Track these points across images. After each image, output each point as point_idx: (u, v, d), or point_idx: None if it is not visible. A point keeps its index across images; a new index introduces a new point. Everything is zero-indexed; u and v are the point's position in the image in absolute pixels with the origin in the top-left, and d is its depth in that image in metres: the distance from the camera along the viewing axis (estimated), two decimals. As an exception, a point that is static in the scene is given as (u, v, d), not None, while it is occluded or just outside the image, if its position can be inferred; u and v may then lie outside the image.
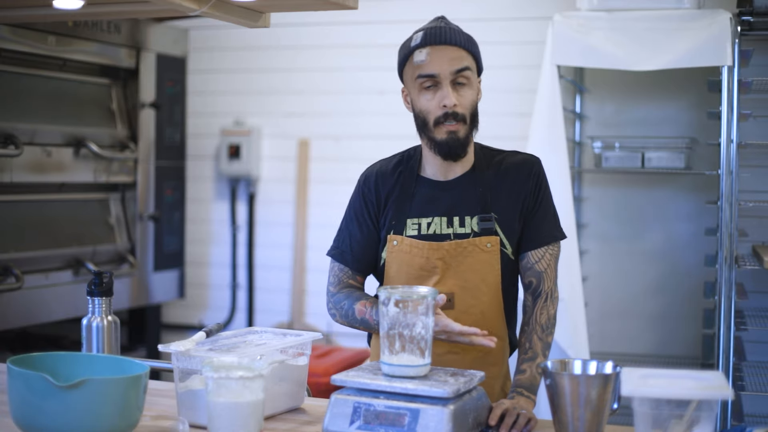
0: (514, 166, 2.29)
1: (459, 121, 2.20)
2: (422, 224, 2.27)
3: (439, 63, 2.19)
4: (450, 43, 2.21)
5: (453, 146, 2.21)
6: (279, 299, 4.91)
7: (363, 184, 2.34)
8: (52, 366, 1.83)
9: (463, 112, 2.20)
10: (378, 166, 2.36)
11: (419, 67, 2.21)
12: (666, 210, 4.31)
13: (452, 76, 2.20)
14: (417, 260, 2.25)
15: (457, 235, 2.25)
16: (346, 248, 2.34)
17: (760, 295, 4.03)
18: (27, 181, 3.83)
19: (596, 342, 4.18)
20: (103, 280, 2.24)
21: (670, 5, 3.70)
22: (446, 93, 2.19)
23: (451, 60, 2.20)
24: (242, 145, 4.84)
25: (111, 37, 4.16)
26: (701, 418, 1.58)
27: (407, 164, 2.33)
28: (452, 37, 2.23)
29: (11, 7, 2.83)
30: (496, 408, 2.01)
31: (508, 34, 4.47)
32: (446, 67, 2.19)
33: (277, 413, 2.08)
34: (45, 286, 3.87)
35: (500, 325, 2.30)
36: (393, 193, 2.30)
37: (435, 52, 2.20)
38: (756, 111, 3.82)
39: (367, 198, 2.33)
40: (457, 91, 2.20)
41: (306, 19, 4.63)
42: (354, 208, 2.35)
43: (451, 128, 2.20)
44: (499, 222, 2.25)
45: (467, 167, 2.29)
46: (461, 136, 2.21)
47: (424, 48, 2.22)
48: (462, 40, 2.23)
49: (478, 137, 2.30)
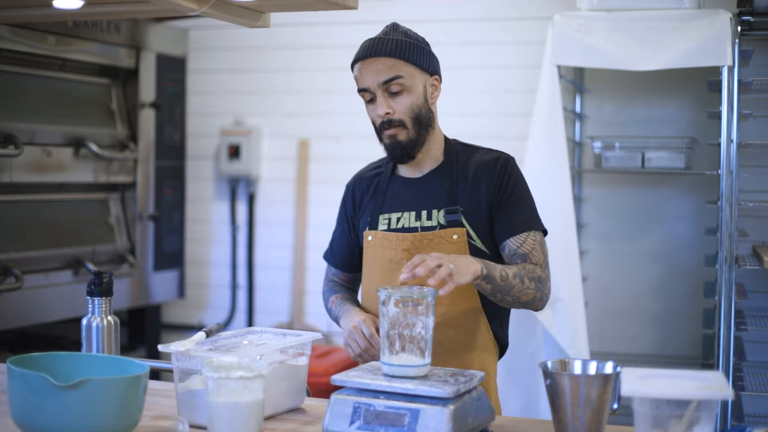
0: (483, 161, 2.35)
1: (396, 126, 2.30)
2: (392, 219, 2.37)
3: (369, 77, 2.30)
4: (377, 55, 2.30)
5: (394, 149, 2.33)
6: (279, 299, 4.91)
7: (345, 189, 2.54)
8: (52, 366, 1.83)
9: (400, 117, 2.30)
10: (359, 172, 2.54)
11: (357, 81, 2.34)
12: (666, 210, 4.31)
13: (383, 87, 2.29)
14: (387, 253, 2.33)
15: (425, 227, 2.33)
16: (330, 249, 2.58)
17: (760, 295, 4.03)
18: (27, 181, 3.83)
19: (596, 342, 4.18)
20: (103, 280, 2.24)
21: (670, 5, 3.70)
22: (378, 103, 2.30)
23: (378, 71, 2.29)
24: (242, 145, 4.84)
25: (111, 37, 4.16)
26: (701, 418, 1.58)
27: (386, 166, 2.46)
28: (380, 48, 2.30)
29: (11, 7, 2.83)
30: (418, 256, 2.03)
31: (508, 34, 4.47)
32: (374, 79, 2.30)
33: (277, 413, 2.08)
34: (45, 286, 3.87)
35: (477, 321, 2.32)
36: (368, 194, 2.45)
37: (365, 66, 2.32)
38: (756, 111, 3.83)
39: (346, 201, 2.52)
40: (392, 99, 2.30)
41: (305, 19, 4.63)
42: (339, 211, 2.56)
43: (390, 133, 2.31)
44: (466, 214, 2.30)
45: (436, 164, 2.39)
46: (402, 140, 2.31)
47: (357, 63, 2.34)
48: (390, 49, 2.30)
49: (479, 137, 2.33)
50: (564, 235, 3.73)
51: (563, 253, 3.72)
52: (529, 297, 2.23)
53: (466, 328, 2.30)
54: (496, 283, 2.15)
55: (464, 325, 2.30)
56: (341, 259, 2.54)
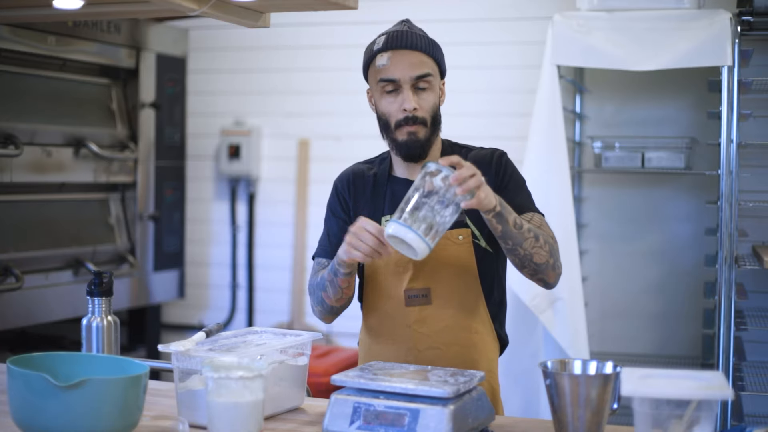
0: (478, 159, 2.32)
1: (419, 123, 2.26)
2: None
3: (400, 68, 2.24)
4: (411, 48, 2.26)
5: (412, 147, 2.27)
6: (279, 299, 4.91)
7: (337, 184, 2.43)
8: (52, 366, 1.83)
9: (424, 116, 2.26)
10: (352, 168, 2.45)
11: (381, 71, 2.26)
12: (666, 210, 4.31)
13: (413, 81, 2.25)
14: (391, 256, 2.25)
15: None
16: (325, 244, 2.42)
17: (760, 295, 4.03)
18: (27, 181, 3.83)
19: (596, 342, 4.18)
20: (103, 280, 2.24)
21: (670, 5, 3.70)
22: (407, 97, 2.24)
23: (412, 65, 2.24)
24: (242, 145, 4.84)
25: (111, 37, 4.16)
26: (701, 418, 1.58)
27: (380, 166, 2.40)
28: (414, 41, 2.26)
29: (11, 7, 2.83)
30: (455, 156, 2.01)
31: (508, 34, 4.47)
32: (407, 72, 2.24)
33: (277, 413, 2.08)
34: (45, 286, 3.87)
35: (482, 319, 2.31)
36: (366, 193, 2.37)
37: (396, 56, 2.25)
38: (756, 111, 3.82)
39: (341, 195, 2.40)
40: (417, 95, 2.26)
41: (306, 19, 4.63)
42: (330, 207, 2.43)
43: (411, 129, 2.25)
44: (469, 214, 2.28)
45: None
46: (421, 138, 2.26)
47: (386, 52, 2.26)
48: (424, 44, 2.27)
49: (479, 137, 2.32)
50: (564, 235, 3.73)
51: (563, 254, 3.71)
52: (542, 259, 2.17)
53: (471, 327, 2.30)
54: (509, 226, 2.10)
55: (470, 325, 2.29)
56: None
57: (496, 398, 2.32)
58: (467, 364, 2.25)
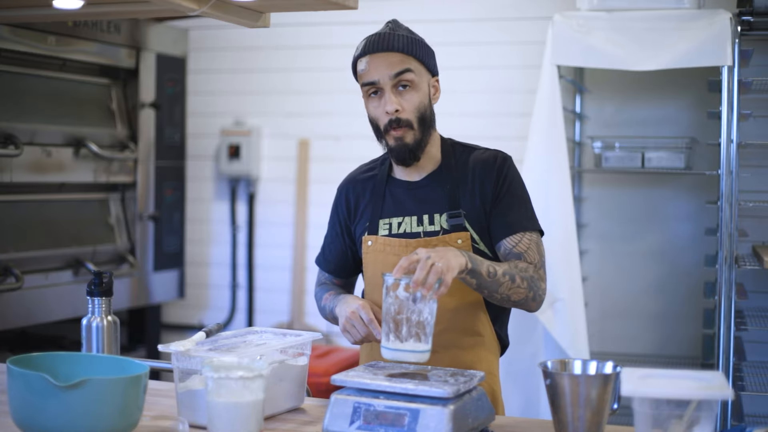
0: (480, 161, 2.32)
1: (403, 126, 2.25)
2: (393, 224, 2.33)
3: (379, 70, 2.25)
4: (388, 50, 2.27)
5: (400, 151, 2.27)
6: (279, 299, 4.91)
7: (337, 194, 2.48)
8: (52, 366, 1.83)
9: (407, 117, 2.25)
10: (351, 174, 2.48)
11: (362, 75, 2.29)
12: (666, 210, 4.31)
13: (392, 81, 2.25)
14: (390, 258, 2.28)
15: (427, 233, 2.29)
16: (323, 254, 2.51)
17: (760, 295, 4.03)
18: (27, 181, 3.83)
19: (596, 342, 4.18)
20: (103, 280, 2.24)
21: (670, 5, 3.70)
22: (388, 99, 2.24)
23: (390, 65, 2.25)
24: (242, 145, 4.84)
25: (111, 37, 4.16)
26: (701, 418, 1.58)
27: (380, 168, 2.41)
28: (391, 43, 2.27)
29: (11, 7, 2.83)
30: (405, 258, 1.99)
31: (508, 34, 4.47)
32: (385, 73, 2.25)
33: (277, 413, 2.08)
34: (45, 286, 3.87)
35: (482, 321, 2.31)
36: (364, 198, 2.40)
37: (374, 59, 2.27)
38: (756, 111, 3.82)
39: (339, 206, 2.46)
40: (400, 95, 2.25)
41: (306, 19, 4.63)
42: (331, 213, 2.49)
43: (397, 134, 2.26)
44: (468, 218, 2.28)
45: (435, 166, 2.35)
46: (408, 142, 2.26)
47: (364, 57, 2.29)
48: (401, 44, 2.27)
49: (479, 137, 2.32)
50: (564, 235, 3.73)
51: (563, 253, 3.72)
52: (520, 296, 2.20)
53: (471, 330, 2.30)
54: (483, 278, 2.12)
55: (470, 327, 2.30)
56: (335, 265, 2.48)
57: (496, 399, 2.32)
58: (467, 365, 2.25)
